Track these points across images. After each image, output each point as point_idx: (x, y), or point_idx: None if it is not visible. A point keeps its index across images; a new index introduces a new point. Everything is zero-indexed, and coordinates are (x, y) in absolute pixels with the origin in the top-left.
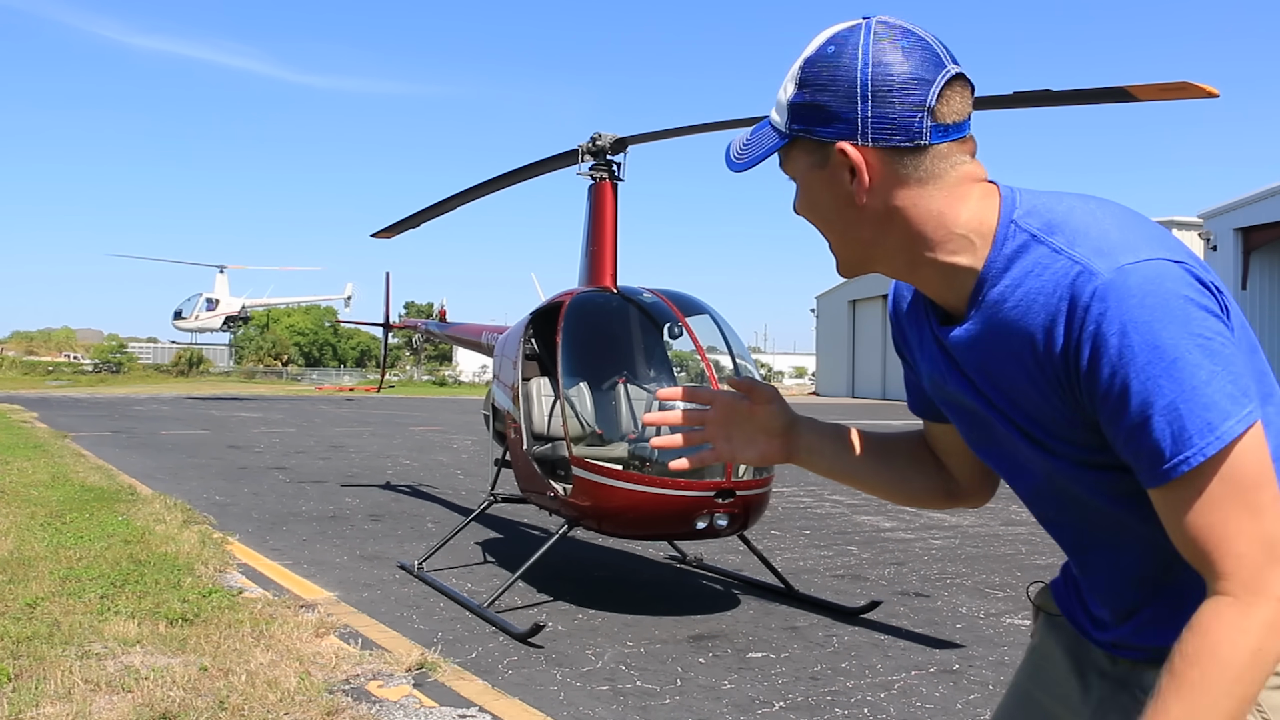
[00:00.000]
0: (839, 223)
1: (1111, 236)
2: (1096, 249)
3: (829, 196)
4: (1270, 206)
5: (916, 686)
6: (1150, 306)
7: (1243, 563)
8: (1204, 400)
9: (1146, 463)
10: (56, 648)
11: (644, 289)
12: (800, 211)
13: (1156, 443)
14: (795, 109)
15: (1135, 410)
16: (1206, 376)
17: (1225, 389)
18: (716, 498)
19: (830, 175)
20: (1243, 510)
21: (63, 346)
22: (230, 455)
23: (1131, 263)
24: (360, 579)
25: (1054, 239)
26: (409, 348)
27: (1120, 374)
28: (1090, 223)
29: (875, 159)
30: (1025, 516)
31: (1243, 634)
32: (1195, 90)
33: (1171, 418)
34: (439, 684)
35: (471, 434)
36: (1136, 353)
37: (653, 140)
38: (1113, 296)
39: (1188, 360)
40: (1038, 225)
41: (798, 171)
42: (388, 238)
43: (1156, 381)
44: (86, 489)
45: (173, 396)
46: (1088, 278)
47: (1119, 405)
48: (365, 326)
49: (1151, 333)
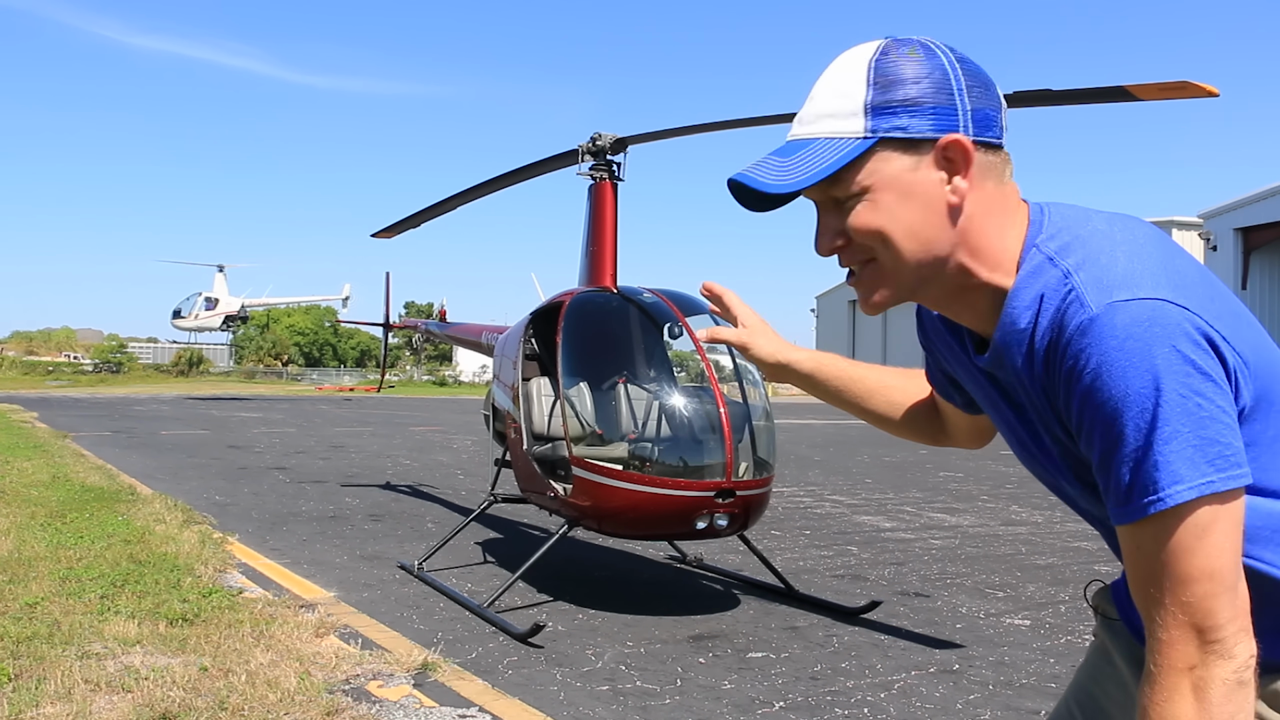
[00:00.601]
0: (923, 233)
1: (1118, 268)
2: (1097, 279)
3: (918, 204)
4: (1270, 206)
5: (916, 686)
6: (1129, 351)
7: (1153, 631)
8: (1160, 458)
9: (1110, 501)
10: (56, 648)
11: (644, 289)
12: (861, 228)
13: (1116, 486)
14: (879, 109)
15: (1098, 451)
16: (1168, 435)
17: (1184, 453)
18: (716, 498)
19: (923, 177)
20: (1168, 580)
21: (63, 346)
22: (230, 455)
23: (1124, 300)
24: (360, 579)
25: (1066, 262)
26: (409, 348)
27: (1088, 414)
28: (1104, 248)
29: (974, 155)
30: (1025, 516)
31: (1157, 706)
32: (1195, 90)
33: (1128, 468)
34: (439, 684)
35: (471, 434)
36: (1104, 398)
37: (653, 140)
38: (1094, 333)
39: (1154, 415)
40: (1055, 248)
41: (877, 179)
42: (388, 238)
43: (1119, 430)
44: (86, 489)
45: (173, 396)
46: (1077, 309)
47: (1087, 443)
48: (365, 326)
49: (1124, 379)
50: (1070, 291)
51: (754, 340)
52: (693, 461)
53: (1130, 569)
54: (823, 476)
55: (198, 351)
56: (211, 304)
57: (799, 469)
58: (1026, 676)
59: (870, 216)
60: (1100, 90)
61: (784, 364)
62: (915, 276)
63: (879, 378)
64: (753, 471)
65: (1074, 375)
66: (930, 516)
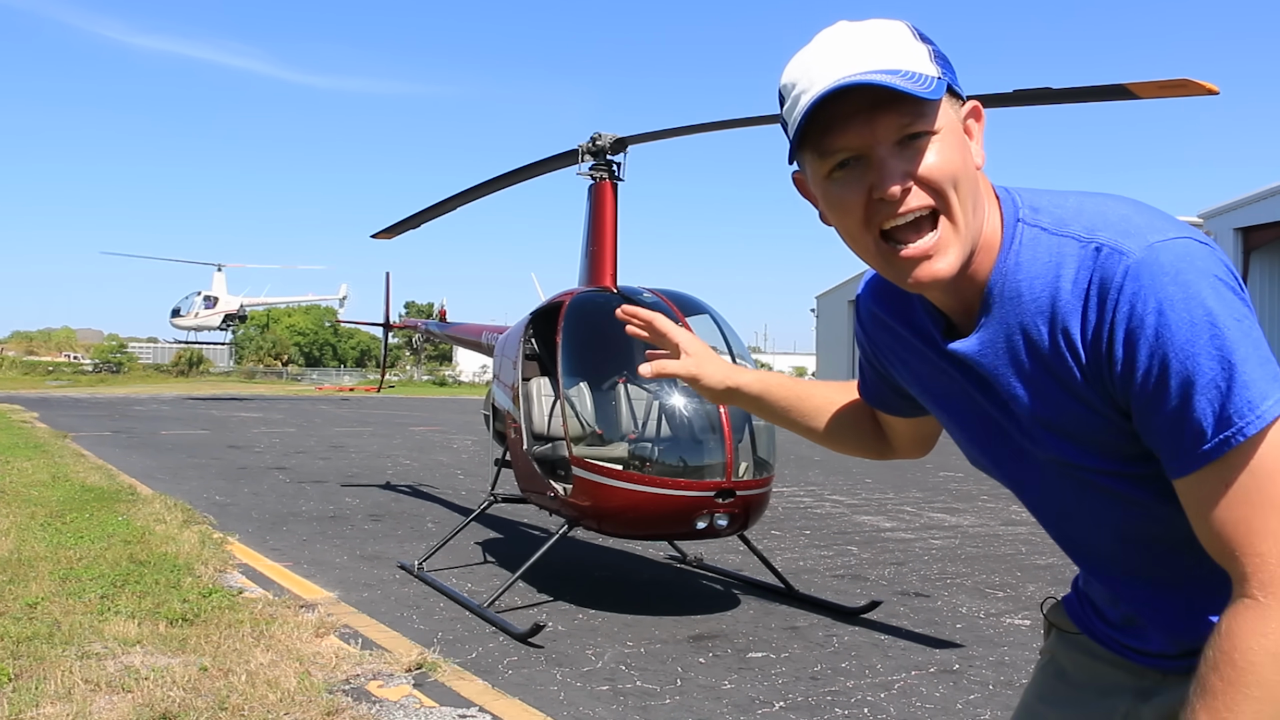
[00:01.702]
0: (976, 188)
1: (1135, 220)
2: (1122, 231)
3: (969, 158)
4: (1270, 206)
5: (916, 686)
6: (1185, 284)
7: (1264, 563)
8: (1245, 378)
9: (1188, 444)
10: (56, 648)
11: (644, 289)
12: (939, 166)
13: (1199, 421)
14: (939, 58)
15: (1175, 389)
16: (1242, 358)
17: (1260, 372)
18: (716, 498)
19: (965, 133)
20: (1269, 506)
21: (63, 346)
22: (230, 455)
23: (1161, 241)
24: (360, 579)
25: (1070, 228)
26: (409, 348)
27: (1159, 352)
28: (1107, 210)
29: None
30: (1025, 516)
31: (1262, 637)
32: (1195, 87)
33: (1213, 395)
34: (439, 684)
35: (471, 434)
36: (1175, 330)
37: (653, 140)
38: (1146, 274)
39: (1227, 337)
40: (1048, 221)
41: (947, 123)
42: (388, 238)
43: (1197, 360)
44: (86, 489)
45: (173, 396)
46: (1117, 258)
47: (1159, 386)
48: (365, 326)
49: (1189, 310)
50: (1099, 248)
51: (702, 369)
52: (693, 461)
53: (1212, 512)
54: (823, 476)
55: (198, 351)
56: (211, 303)
57: (799, 469)
58: (1026, 676)
59: (949, 156)
60: (1100, 89)
61: (733, 388)
62: (972, 238)
63: (825, 394)
64: (753, 471)
65: (1135, 319)
66: (930, 516)
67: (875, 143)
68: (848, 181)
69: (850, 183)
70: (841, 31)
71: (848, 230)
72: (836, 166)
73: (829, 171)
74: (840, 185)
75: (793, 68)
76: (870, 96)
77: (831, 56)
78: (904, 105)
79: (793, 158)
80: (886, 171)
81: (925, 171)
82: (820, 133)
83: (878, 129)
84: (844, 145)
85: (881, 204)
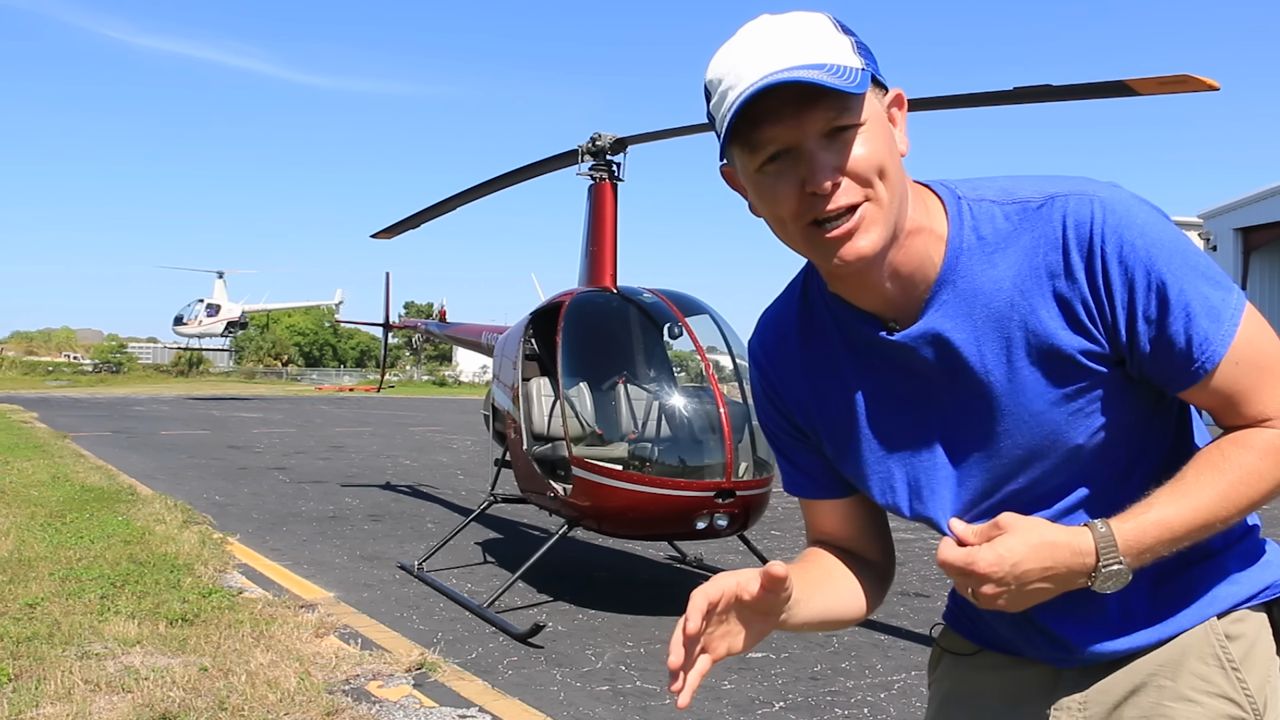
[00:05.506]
0: (901, 176)
1: (1069, 179)
2: (1065, 185)
3: (894, 146)
4: (1270, 206)
5: (916, 686)
6: (1148, 212)
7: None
8: (1216, 279)
9: (1195, 350)
10: (56, 648)
11: (644, 289)
12: (867, 158)
13: (1201, 327)
14: (862, 49)
15: (1176, 303)
16: (1208, 262)
17: (1212, 261)
18: (716, 498)
19: (889, 121)
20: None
21: (63, 346)
22: (230, 455)
23: (1097, 184)
24: (360, 579)
25: (1018, 194)
26: (409, 348)
27: (1155, 273)
28: (1041, 178)
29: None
30: None
31: (1266, 433)
32: (1195, 83)
33: (1202, 301)
34: (439, 684)
35: (471, 434)
36: (1160, 250)
37: (653, 140)
38: (1118, 209)
39: (1193, 250)
40: (992, 194)
41: (872, 114)
42: (387, 238)
43: (1184, 273)
44: (86, 489)
45: (173, 397)
46: (1084, 202)
47: (1160, 305)
48: (365, 326)
49: (1163, 233)
50: (1059, 198)
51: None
52: (693, 461)
53: (1234, 391)
54: None
55: (198, 352)
56: (213, 310)
57: None
58: None
59: (875, 147)
60: (1100, 85)
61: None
62: (896, 222)
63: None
64: (753, 471)
65: (1126, 248)
66: None
67: (804, 137)
68: (780, 175)
69: (782, 175)
70: (765, 26)
71: (778, 220)
72: (767, 160)
73: (760, 165)
74: (772, 179)
75: (718, 63)
76: (798, 91)
77: (757, 52)
78: (831, 99)
79: (723, 153)
80: (817, 166)
81: (853, 165)
82: (750, 128)
83: (806, 123)
84: (773, 139)
85: (814, 197)
